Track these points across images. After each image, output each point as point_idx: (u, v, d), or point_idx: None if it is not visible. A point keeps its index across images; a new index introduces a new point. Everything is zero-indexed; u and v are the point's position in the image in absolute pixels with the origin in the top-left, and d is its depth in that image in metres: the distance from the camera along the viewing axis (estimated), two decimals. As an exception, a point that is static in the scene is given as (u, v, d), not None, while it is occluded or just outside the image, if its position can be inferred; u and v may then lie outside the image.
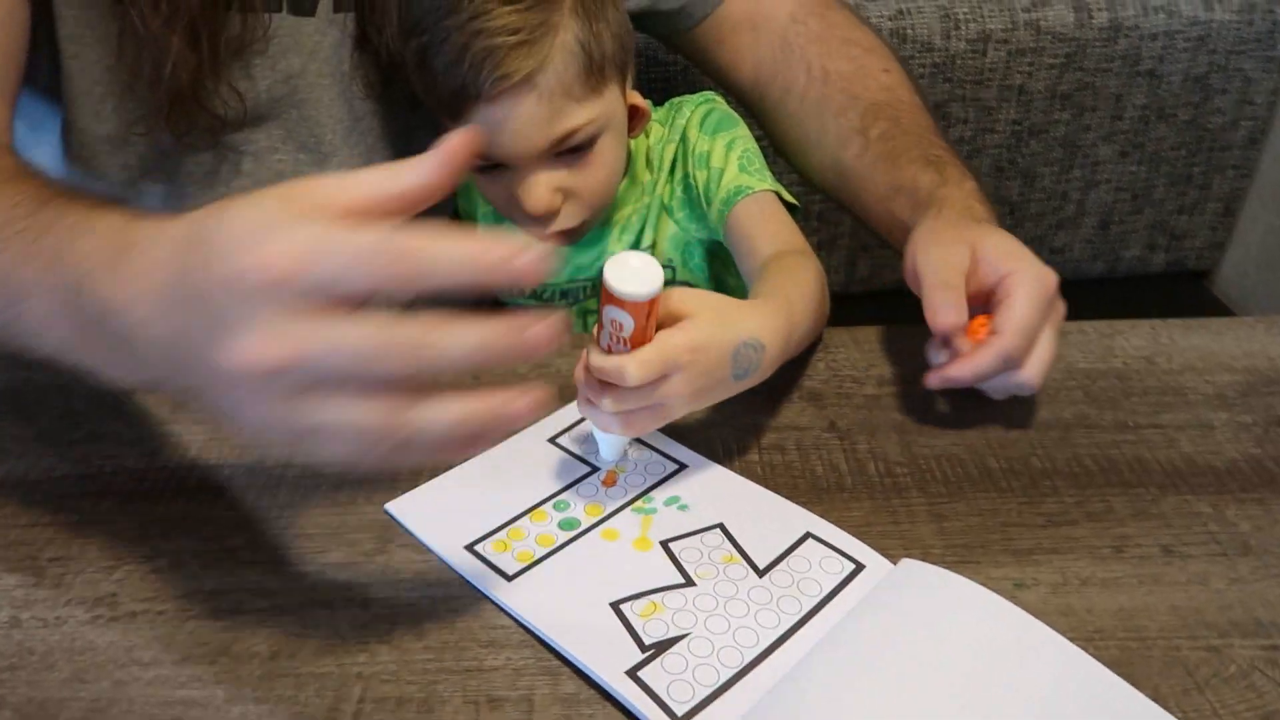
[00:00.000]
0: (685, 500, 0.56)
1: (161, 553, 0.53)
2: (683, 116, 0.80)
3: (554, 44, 0.66)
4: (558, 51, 0.66)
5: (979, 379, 0.59)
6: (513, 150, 0.69)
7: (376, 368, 0.37)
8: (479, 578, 0.51)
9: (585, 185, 0.72)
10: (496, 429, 0.40)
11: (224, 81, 0.72)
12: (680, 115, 0.80)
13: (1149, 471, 0.59)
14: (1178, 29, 1.16)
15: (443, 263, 0.37)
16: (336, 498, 0.56)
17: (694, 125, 0.79)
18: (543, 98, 0.67)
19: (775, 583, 0.51)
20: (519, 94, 0.66)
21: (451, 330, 0.37)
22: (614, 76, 0.71)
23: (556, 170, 0.71)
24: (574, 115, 0.68)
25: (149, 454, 0.59)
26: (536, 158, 0.69)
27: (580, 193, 0.72)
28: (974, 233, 0.63)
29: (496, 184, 0.73)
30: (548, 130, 0.68)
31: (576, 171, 0.72)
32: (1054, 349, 0.60)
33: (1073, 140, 1.22)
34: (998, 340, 0.58)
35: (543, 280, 0.40)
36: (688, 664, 0.46)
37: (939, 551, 0.53)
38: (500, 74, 0.65)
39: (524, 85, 0.66)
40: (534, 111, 0.67)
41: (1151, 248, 1.32)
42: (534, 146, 0.69)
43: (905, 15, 1.12)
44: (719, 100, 0.82)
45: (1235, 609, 0.50)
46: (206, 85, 0.71)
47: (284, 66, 0.74)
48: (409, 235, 0.37)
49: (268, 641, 0.48)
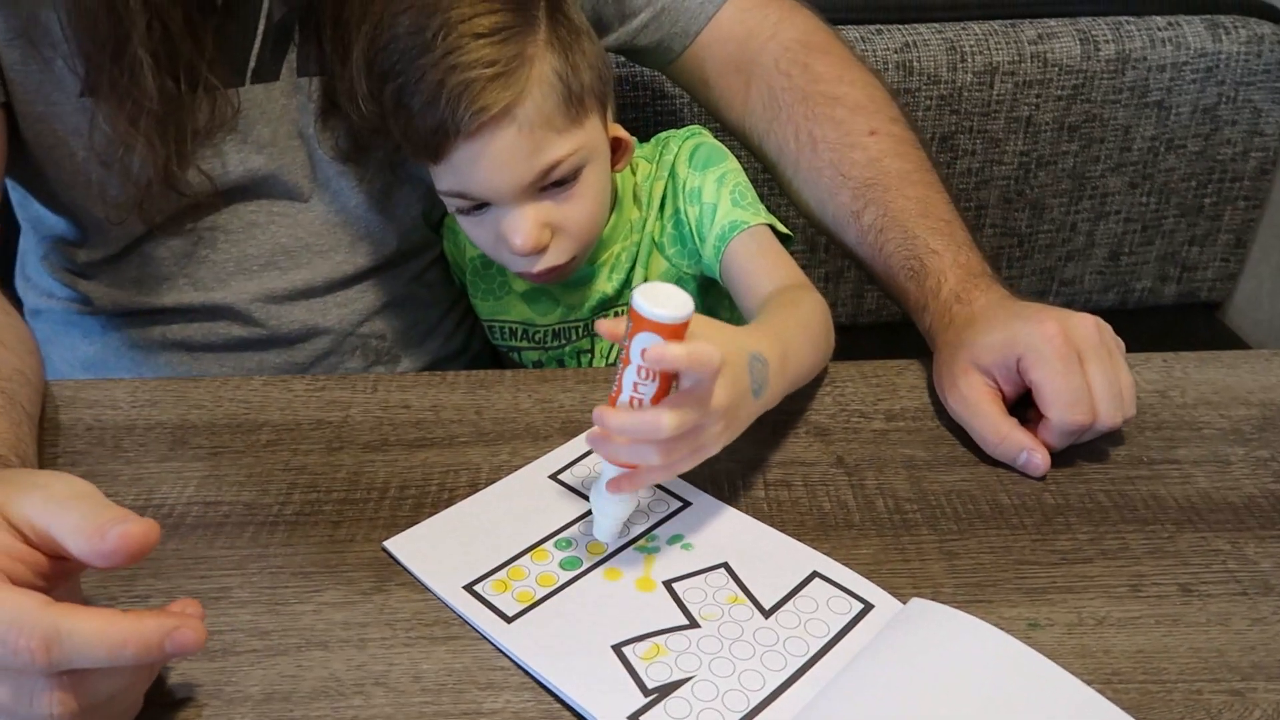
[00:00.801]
0: (689, 539, 0.55)
1: (156, 592, 0.52)
2: (670, 152, 0.79)
3: (530, 76, 0.66)
4: (535, 83, 0.66)
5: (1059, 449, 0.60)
6: (497, 186, 0.68)
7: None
8: (478, 619, 0.50)
9: (572, 219, 0.71)
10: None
11: (193, 166, 0.72)
12: (668, 151, 0.79)
13: (1164, 508, 0.57)
14: (1185, 60, 1.15)
15: (91, 645, 0.38)
16: (334, 535, 0.55)
17: (682, 160, 0.78)
18: (523, 130, 0.66)
19: (782, 624, 0.49)
20: (499, 127, 0.66)
21: (81, 622, 0.39)
22: (594, 107, 0.70)
23: (542, 205, 0.70)
24: (556, 147, 0.68)
25: (145, 492, 0.59)
26: (521, 193, 0.68)
27: (567, 227, 0.71)
28: (971, 350, 0.62)
29: (482, 225, 0.72)
30: (530, 163, 0.67)
31: (562, 205, 0.70)
32: (1116, 379, 0.59)
33: (1081, 172, 1.21)
34: (1047, 425, 0.59)
35: (199, 649, 0.40)
36: (691, 708, 0.45)
37: (950, 590, 0.52)
38: (478, 107, 0.64)
39: (503, 118, 0.65)
40: (515, 144, 0.66)
41: (1163, 279, 1.31)
42: (519, 180, 0.68)
43: (911, 48, 1.12)
44: (705, 133, 0.80)
45: (1258, 651, 0.48)
46: (176, 173, 0.71)
47: (254, 137, 0.74)
48: (60, 614, 0.38)
49: (261, 683, 0.47)
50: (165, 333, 0.78)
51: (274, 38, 0.73)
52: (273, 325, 0.78)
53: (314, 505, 0.58)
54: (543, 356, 0.85)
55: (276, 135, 0.75)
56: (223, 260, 0.77)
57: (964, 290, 0.67)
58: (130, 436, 0.63)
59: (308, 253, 0.78)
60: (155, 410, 0.66)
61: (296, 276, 0.78)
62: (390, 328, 0.82)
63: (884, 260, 0.73)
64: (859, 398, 0.67)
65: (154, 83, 0.66)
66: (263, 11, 0.72)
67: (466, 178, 0.68)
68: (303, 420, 0.65)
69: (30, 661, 0.37)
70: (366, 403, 0.66)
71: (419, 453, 0.62)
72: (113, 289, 0.77)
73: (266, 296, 0.78)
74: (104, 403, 0.66)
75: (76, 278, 0.78)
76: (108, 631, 0.38)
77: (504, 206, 0.70)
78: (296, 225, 0.78)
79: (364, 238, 0.80)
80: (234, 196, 0.76)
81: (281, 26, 0.73)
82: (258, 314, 0.78)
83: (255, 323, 0.78)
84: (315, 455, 0.62)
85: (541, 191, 0.69)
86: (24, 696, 0.39)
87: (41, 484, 0.43)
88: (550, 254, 0.72)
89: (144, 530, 0.40)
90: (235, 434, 0.63)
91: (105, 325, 0.79)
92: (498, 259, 0.75)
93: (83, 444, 0.63)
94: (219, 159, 0.73)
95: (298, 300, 0.79)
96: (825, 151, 0.78)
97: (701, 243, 0.76)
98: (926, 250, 0.70)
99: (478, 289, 0.84)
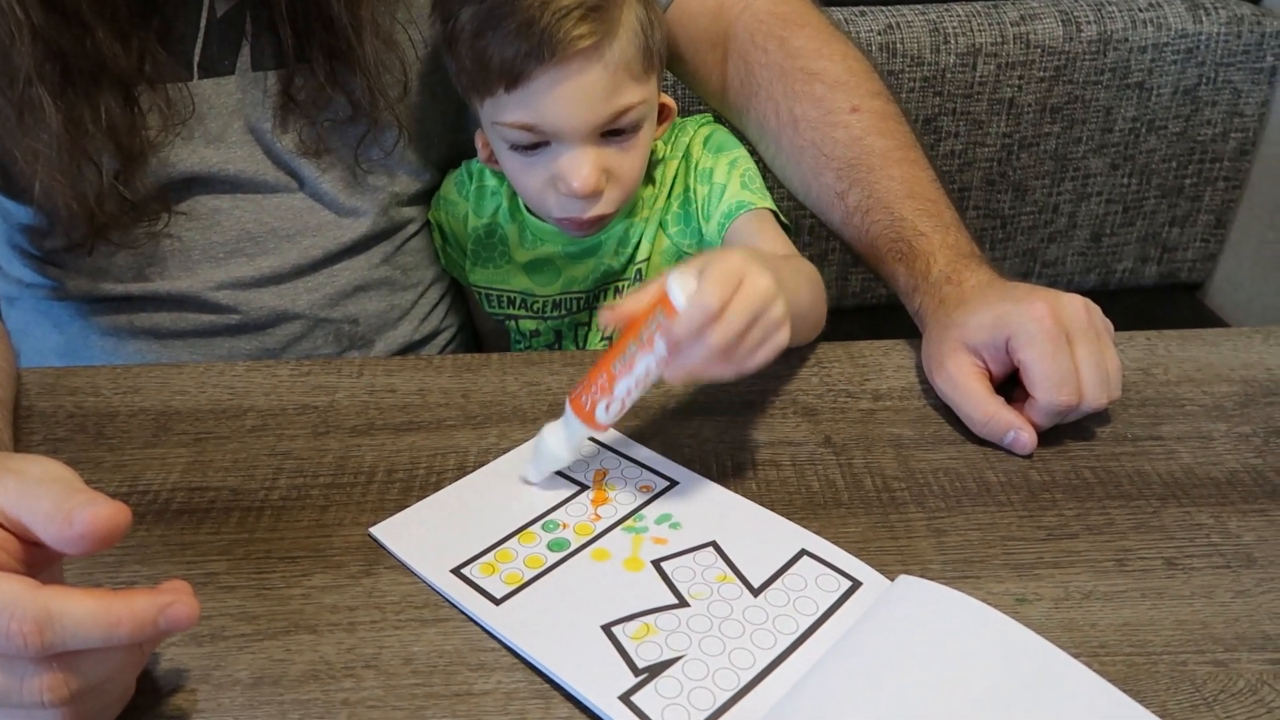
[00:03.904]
0: (677, 518, 0.55)
1: (141, 578, 0.52)
2: (686, 135, 0.81)
3: (621, 18, 0.67)
4: (624, 27, 0.67)
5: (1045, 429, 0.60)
6: (571, 120, 0.68)
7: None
8: (466, 602, 0.50)
9: (626, 169, 0.73)
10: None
11: (145, 186, 0.71)
12: (684, 134, 0.81)
13: (1149, 483, 0.58)
14: (1166, 41, 1.16)
15: (84, 626, 0.38)
16: (322, 520, 0.55)
17: (698, 143, 0.80)
18: (608, 69, 0.67)
19: (771, 602, 0.49)
20: (587, 61, 0.67)
21: (73, 603, 0.38)
22: (659, 66, 0.72)
23: (603, 150, 0.71)
24: (632, 92, 0.69)
25: (130, 479, 0.58)
26: (589, 133, 0.69)
27: (620, 177, 0.73)
28: (961, 329, 0.62)
29: (535, 165, 0.72)
30: (608, 103, 0.68)
31: (620, 154, 0.72)
32: (1103, 361, 0.59)
33: (1063, 153, 1.21)
34: (1033, 404, 0.59)
35: (193, 625, 0.40)
36: (682, 687, 0.45)
37: (938, 567, 0.52)
38: (576, 35, 0.65)
39: (593, 52, 0.66)
40: (598, 81, 0.67)
41: (1144, 260, 1.31)
42: (594, 117, 0.69)
43: (894, 30, 1.12)
44: (719, 123, 0.82)
45: (1241, 622, 0.49)
46: (122, 187, 0.70)
47: (202, 132, 0.73)
48: (51, 595, 0.38)
49: (250, 668, 0.47)
50: (133, 320, 0.77)
51: (219, 32, 0.72)
52: (242, 311, 0.77)
53: (301, 490, 0.57)
54: (540, 326, 0.85)
55: (227, 130, 0.74)
56: (188, 248, 0.76)
57: (954, 271, 0.67)
58: (113, 423, 0.63)
59: (274, 238, 0.77)
60: (138, 396, 0.65)
61: (264, 263, 0.77)
62: (363, 311, 0.81)
63: (871, 242, 0.73)
64: (846, 378, 0.67)
65: (57, 118, 0.65)
66: (204, 7, 0.71)
67: (541, 108, 0.68)
68: (288, 405, 0.64)
69: (23, 646, 0.37)
70: (352, 387, 0.66)
71: (406, 436, 0.62)
72: (79, 275, 0.76)
73: (234, 283, 0.77)
74: (86, 389, 0.66)
75: (46, 264, 0.77)
76: (101, 611, 0.38)
77: (567, 145, 0.70)
78: (262, 210, 0.76)
79: (331, 222, 0.79)
80: (193, 188, 0.75)
81: (228, 21, 0.72)
82: (226, 300, 0.77)
83: (224, 309, 0.77)
84: (301, 440, 0.61)
85: (603, 137, 0.71)
86: (15, 682, 0.38)
87: (15, 469, 0.41)
88: (602, 202, 0.73)
89: (111, 513, 0.39)
90: (220, 419, 0.63)
91: (75, 313, 0.78)
92: (540, 204, 0.75)
93: (65, 431, 0.62)
94: (168, 167, 0.72)
95: (266, 286, 0.78)
96: (806, 131, 0.77)
97: (706, 220, 0.77)
98: (914, 233, 0.70)
99: (478, 258, 0.84)
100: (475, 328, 0.94)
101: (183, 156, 0.73)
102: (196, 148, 0.73)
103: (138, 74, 0.68)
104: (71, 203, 0.68)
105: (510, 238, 0.82)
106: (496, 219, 0.82)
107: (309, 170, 0.77)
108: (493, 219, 0.82)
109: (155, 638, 0.40)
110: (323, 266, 0.79)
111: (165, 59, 0.70)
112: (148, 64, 0.69)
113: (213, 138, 0.74)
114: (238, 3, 0.72)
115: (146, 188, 0.72)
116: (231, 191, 0.76)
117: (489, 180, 0.82)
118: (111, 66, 0.66)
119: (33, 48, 0.63)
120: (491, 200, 0.82)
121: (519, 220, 0.81)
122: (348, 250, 0.80)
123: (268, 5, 0.71)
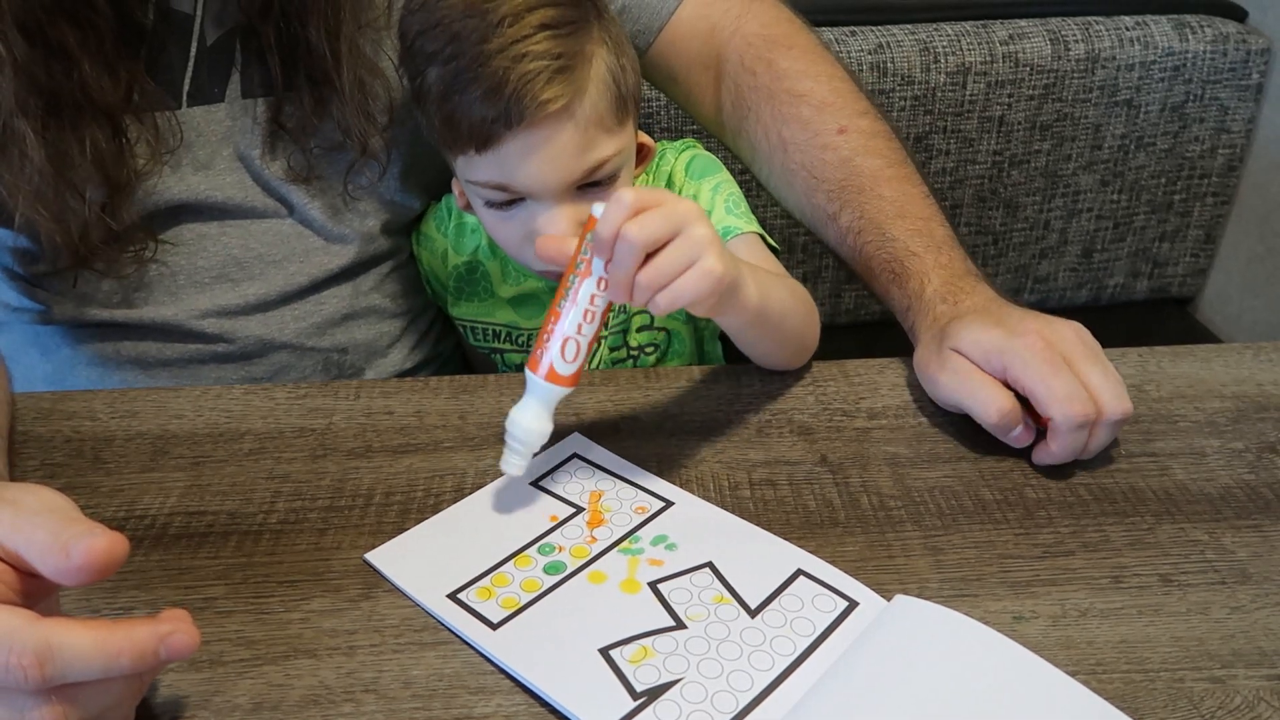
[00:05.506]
0: (673, 539, 0.55)
1: (139, 603, 0.51)
2: (666, 163, 0.80)
3: (590, 73, 0.66)
4: (594, 80, 0.66)
5: (1077, 454, 0.60)
6: (545, 180, 0.67)
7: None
8: (463, 628, 0.50)
9: None
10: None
11: (130, 215, 0.71)
12: (664, 161, 0.80)
13: (1143, 500, 0.58)
14: (1153, 59, 1.17)
15: (85, 658, 0.38)
16: (320, 543, 0.55)
17: (680, 170, 0.79)
18: (579, 127, 0.66)
19: (768, 623, 0.50)
20: (559, 122, 0.65)
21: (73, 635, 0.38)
22: (633, 110, 0.71)
23: (579, 205, 0.69)
24: (605, 145, 0.68)
25: (127, 504, 0.58)
26: (564, 190, 0.68)
27: None
28: (955, 340, 0.63)
29: (511, 221, 0.70)
30: (581, 160, 0.67)
31: None
32: (1110, 371, 0.59)
33: (1054, 170, 1.22)
34: (1054, 429, 0.58)
35: (193, 653, 0.40)
36: (681, 711, 0.45)
37: (935, 585, 0.52)
38: (545, 99, 0.63)
39: (563, 114, 0.65)
40: (570, 140, 0.66)
41: (1134, 275, 1.32)
42: (567, 176, 0.67)
43: (884, 49, 1.13)
44: (699, 146, 0.81)
45: (1238, 638, 0.49)
46: (108, 217, 0.69)
47: (190, 160, 0.73)
48: (51, 627, 0.38)
49: (249, 693, 0.47)
50: (119, 349, 0.77)
51: (210, 60, 0.72)
52: (229, 340, 0.77)
53: (299, 513, 0.57)
54: (525, 359, 0.84)
55: (215, 157, 0.74)
56: (173, 273, 0.75)
57: (949, 292, 0.67)
58: (110, 448, 0.63)
59: (260, 264, 0.76)
60: (135, 421, 0.65)
61: (250, 289, 0.77)
62: (351, 340, 0.81)
63: (865, 262, 0.73)
64: (841, 396, 0.67)
65: (40, 151, 0.64)
66: (194, 36, 0.71)
67: (514, 170, 0.67)
68: (285, 428, 0.64)
69: (23, 679, 0.37)
70: (350, 409, 0.66)
71: (403, 458, 0.62)
72: (65, 300, 0.76)
73: (220, 311, 0.76)
74: (82, 414, 0.66)
75: (34, 288, 0.77)
76: (101, 643, 0.38)
77: (541, 203, 0.69)
78: (249, 236, 0.76)
79: (319, 248, 0.78)
80: (180, 215, 0.74)
81: (219, 49, 0.72)
82: (212, 329, 0.76)
83: (210, 338, 0.77)
84: (299, 463, 0.61)
85: (578, 191, 0.69)
86: (16, 715, 0.38)
87: (10, 499, 0.41)
88: None
89: (109, 544, 0.39)
90: (217, 443, 0.63)
91: (62, 340, 0.77)
92: (519, 256, 0.74)
93: (61, 456, 0.62)
94: (151, 183, 0.72)
95: (252, 314, 0.77)
96: (796, 154, 0.78)
97: None
98: (906, 253, 0.70)
99: (460, 293, 0.84)
100: (465, 358, 0.94)
101: (170, 184, 0.73)
102: (184, 175, 0.73)
103: (125, 105, 0.68)
104: (55, 235, 0.68)
105: (493, 274, 0.81)
106: (477, 256, 0.81)
107: (298, 196, 0.76)
108: (473, 256, 0.81)
109: (156, 667, 0.40)
110: (309, 293, 0.79)
111: (154, 89, 0.70)
112: (136, 94, 0.69)
113: (200, 165, 0.73)
114: (228, 31, 0.72)
115: (132, 217, 0.71)
116: (219, 218, 0.75)
117: (468, 218, 0.81)
118: (98, 99, 0.66)
119: (14, 82, 0.63)
120: (471, 238, 0.82)
121: (500, 256, 0.80)
122: (335, 277, 0.79)
123: (256, 34, 0.71)
